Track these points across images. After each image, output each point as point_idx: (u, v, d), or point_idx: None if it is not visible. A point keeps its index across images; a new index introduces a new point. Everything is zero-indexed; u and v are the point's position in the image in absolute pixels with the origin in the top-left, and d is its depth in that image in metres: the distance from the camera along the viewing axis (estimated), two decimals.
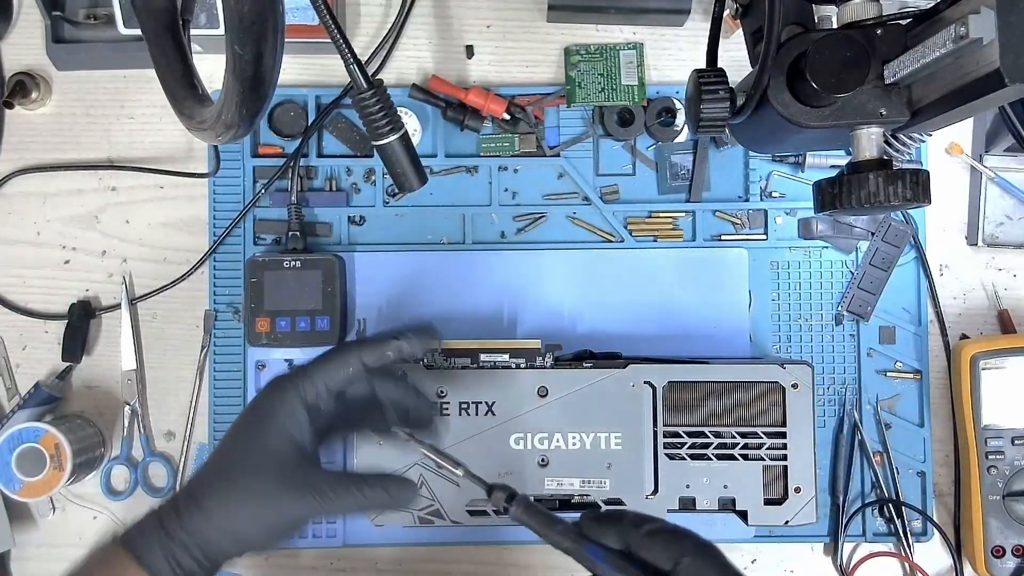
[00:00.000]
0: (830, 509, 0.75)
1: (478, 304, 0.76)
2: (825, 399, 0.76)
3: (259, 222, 0.77)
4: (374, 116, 0.58)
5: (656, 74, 0.78)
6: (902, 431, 0.76)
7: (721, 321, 0.76)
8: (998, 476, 0.72)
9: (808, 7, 0.52)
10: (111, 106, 0.78)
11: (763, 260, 0.77)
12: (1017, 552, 0.72)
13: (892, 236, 0.76)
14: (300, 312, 0.73)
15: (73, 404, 0.77)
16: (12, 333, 0.77)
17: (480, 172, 0.77)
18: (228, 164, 0.77)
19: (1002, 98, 0.43)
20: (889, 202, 0.48)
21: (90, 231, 0.78)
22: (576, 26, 0.78)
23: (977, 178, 0.77)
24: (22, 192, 0.78)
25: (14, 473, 0.71)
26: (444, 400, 0.69)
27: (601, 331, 0.76)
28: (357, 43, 0.78)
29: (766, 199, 0.77)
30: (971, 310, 0.77)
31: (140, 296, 0.77)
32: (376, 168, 0.77)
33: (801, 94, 0.49)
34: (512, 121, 0.76)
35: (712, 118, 0.53)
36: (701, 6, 0.77)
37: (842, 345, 0.77)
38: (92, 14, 0.76)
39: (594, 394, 0.69)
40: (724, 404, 0.70)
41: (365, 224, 0.77)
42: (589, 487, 0.69)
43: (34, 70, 0.77)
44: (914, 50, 0.46)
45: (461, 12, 0.78)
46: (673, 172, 0.77)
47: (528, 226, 0.77)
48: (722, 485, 0.69)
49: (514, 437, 0.69)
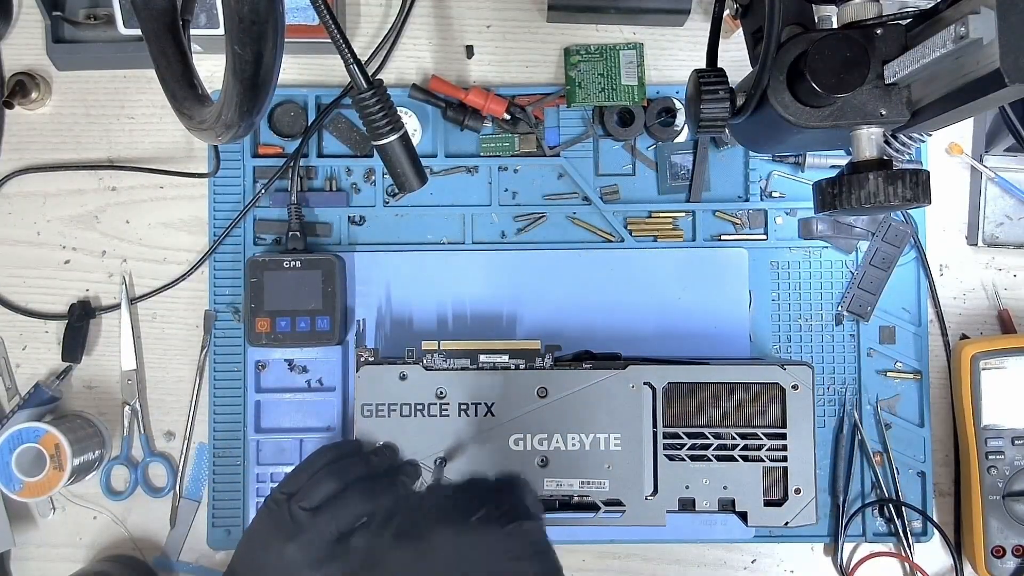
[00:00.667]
0: (830, 509, 0.75)
1: (477, 304, 0.76)
2: (825, 399, 0.76)
3: (259, 222, 0.77)
4: (374, 116, 0.58)
5: (656, 74, 0.78)
6: (902, 431, 0.76)
7: (721, 321, 0.76)
8: (998, 476, 0.72)
9: (808, 7, 0.52)
10: (111, 106, 0.78)
11: (763, 260, 0.77)
12: (1017, 552, 0.72)
13: (892, 236, 0.76)
14: (300, 312, 0.73)
15: (73, 404, 0.77)
16: (12, 333, 0.77)
17: (480, 172, 0.77)
18: (228, 164, 0.77)
19: (1002, 98, 0.43)
20: (889, 202, 0.48)
21: (90, 231, 0.78)
22: (576, 26, 0.78)
23: (977, 178, 0.77)
24: (22, 192, 0.78)
25: (14, 473, 0.71)
26: (444, 400, 0.69)
27: (601, 331, 0.76)
28: (357, 43, 0.78)
29: (766, 199, 0.77)
30: (971, 310, 0.77)
31: (140, 296, 0.77)
32: (376, 168, 0.77)
33: (801, 94, 0.49)
34: (512, 121, 0.76)
35: (712, 118, 0.53)
36: (701, 6, 0.77)
37: (842, 345, 0.76)
38: (92, 14, 0.76)
39: (593, 395, 0.69)
40: (724, 405, 0.70)
41: (365, 224, 0.77)
42: (589, 488, 0.69)
43: (34, 70, 0.77)
44: (914, 50, 0.46)
45: (461, 12, 0.78)
46: (673, 172, 0.77)
47: (528, 226, 0.77)
48: (722, 486, 0.69)
49: (514, 438, 0.69)
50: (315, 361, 0.75)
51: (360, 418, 0.69)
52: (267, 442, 0.75)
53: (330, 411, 0.75)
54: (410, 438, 0.69)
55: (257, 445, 0.75)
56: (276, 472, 0.75)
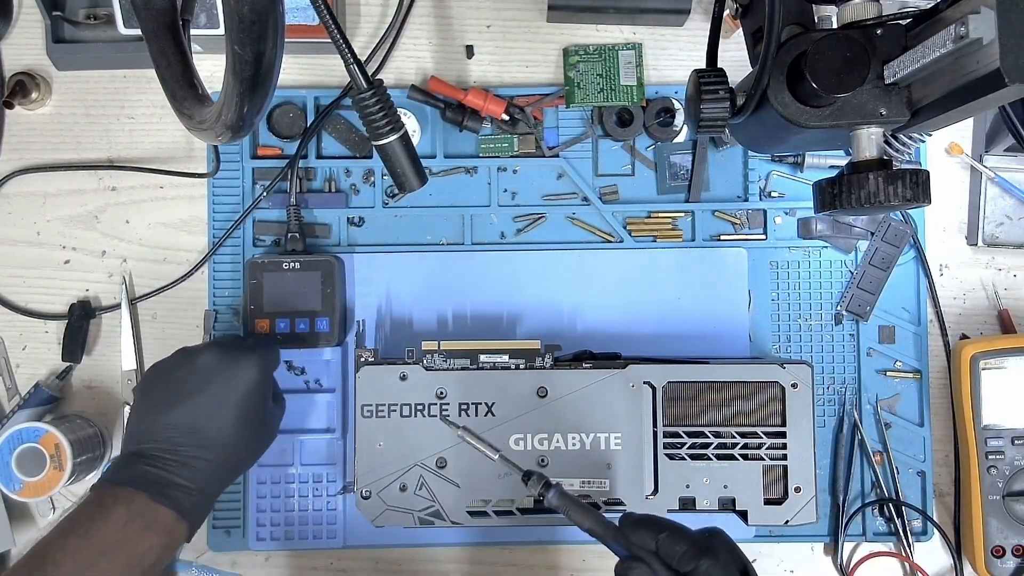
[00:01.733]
0: (830, 509, 0.75)
1: (477, 305, 0.76)
2: (825, 399, 0.76)
3: (258, 223, 0.77)
4: (374, 116, 0.58)
5: (655, 74, 0.78)
6: (902, 431, 0.76)
7: (720, 321, 0.76)
8: (998, 476, 0.72)
9: (808, 7, 0.52)
10: (111, 106, 0.78)
11: (762, 260, 0.77)
12: (1017, 552, 0.72)
13: (892, 236, 0.76)
14: (299, 313, 0.73)
15: (73, 404, 0.77)
16: (12, 333, 0.77)
17: (479, 173, 0.77)
18: (228, 165, 0.77)
19: (1002, 98, 0.43)
20: (889, 202, 0.48)
21: (90, 231, 0.77)
22: (576, 26, 0.78)
23: (977, 178, 0.77)
24: (22, 192, 0.78)
25: (14, 473, 0.71)
26: (444, 401, 0.69)
27: (600, 331, 0.76)
28: (357, 43, 0.78)
29: (765, 199, 0.77)
30: (971, 310, 0.77)
31: (140, 296, 0.77)
32: (375, 169, 0.77)
33: (801, 94, 0.49)
34: (511, 122, 0.76)
35: (712, 118, 0.53)
36: (701, 6, 0.77)
37: (842, 345, 0.77)
38: (92, 14, 0.76)
39: (594, 394, 0.69)
40: (724, 404, 0.70)
41: (364, 225, 0.77)
42: (589, 487, 0.69)
43: (34, 70, 0.77)
44: (914, 50, 0.46)
45: (461, 12, 0.78)
46: (672, 172, 0.77)
47: (527, 226, 0.77)
48: (722, 485, 0.69)
49: (514, 438, 0.69)
50: (314, 362, 0.75)
51: (360, 418, 0.69)
52: None
53: (329, 412, 0.75)
54: (410, 438, 0.69)
55: None
56: (276, 473, 0.75)
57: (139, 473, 0.60)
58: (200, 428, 0.62)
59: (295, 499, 0.75)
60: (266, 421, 0.67)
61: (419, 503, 0.69)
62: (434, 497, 0.69)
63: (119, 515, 0.58)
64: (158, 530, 0.58)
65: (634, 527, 0.56)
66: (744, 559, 0.55)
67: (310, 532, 0.75)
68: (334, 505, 0.75)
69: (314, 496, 0.75)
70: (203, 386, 0.62)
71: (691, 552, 0.53)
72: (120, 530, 0.57)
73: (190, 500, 0.60)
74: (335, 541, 0.75)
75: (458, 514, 0.69)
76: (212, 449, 0.62)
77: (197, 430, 0.61)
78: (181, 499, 0.59)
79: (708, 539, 0.55)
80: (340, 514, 0.75)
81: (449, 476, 0.69)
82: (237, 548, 0.75)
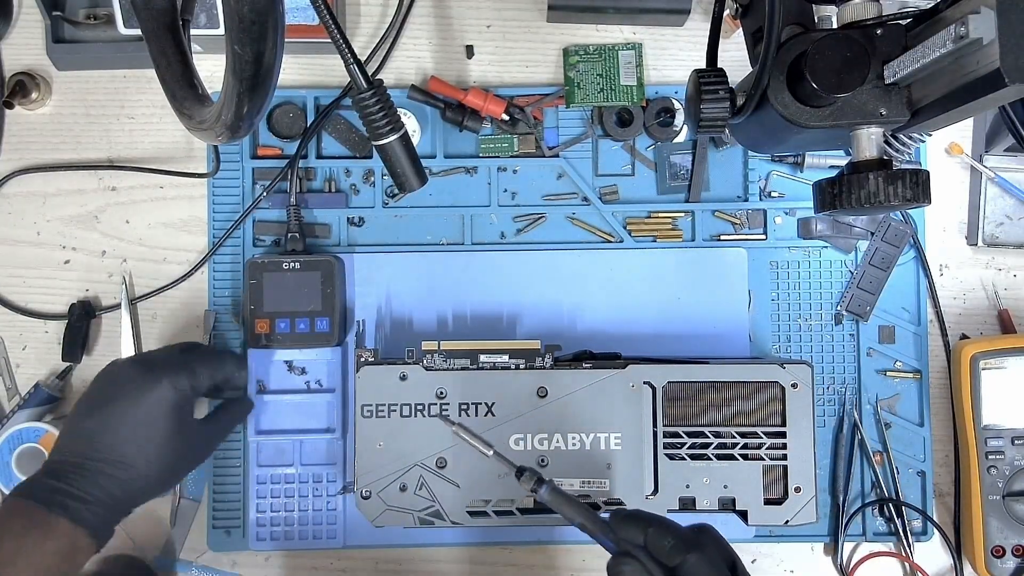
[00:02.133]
0: (830, 509, 0.75)
1: (477, 305, 0.76)
2: (825, 399, 0.76)
3: (258, 223, 0.77)
4: (374, 116, 0.58)
5: (655, 74, 0.78)
6: (902, 431, 0.76)
7: (720, 321, 0.76)
8: (998, 476, 0.72)
9: (808, 7, 0.52)
10: (111, 106, 0.78)
11: (762, 260, 0.77)
12: (1017, 552, 0.72)
13: (892, 236, 0.76)
14: (300, 313, 0.73)
15: (73, 404, 0.77)
16: (12, 333, 0.77)
17: (479, 173, 0.77)
18: (227, 165, 0.77)
19: (1002, 98, 0.43)
20: (889, 202, 0.48)
21: (90, 231, 0.78)
22: (576, 26, 0.78)
23: (977, 178, 0.77)
24: (22, 192, 0.78)
25: (14, 473, 0.71)
26: (444, 401, 0.69)
27: (600, 331, 0.76)
28: (357, 43, 0.78)
29: (765, 199, 0.77)
30: (971, 310, 0.77)
31: (140, 296, 0.77)
32: (375, 169, 0.77)
33: (801, 94, 0.49)
34: (511, 122, 0.76)
35: (712, 118, 0.53)
36: (701, 6, 0.77)
37: (842, 345, 0.77)
38: (92, 14, 0.76)
39: (594, 394, 0.69)
40: (724, 404, 0.70)
41: (364, 225, 0.77)
42: (589, 487, 0.69)
43: (34, 70, 0.77)
44: (914, 50, 0.46)
45: (461, 12, 0.78)
46: (672, 172, 0.77)
47: (527, 226, 0.77)
48: (722, 485, 0.69)
49: (514, 438, 0.69)
50: (314, 362, 0.75)
51: (360, 418, 0.69)
52: (266, 443, 0.75)
53: (329, 412, 0.75)
54: (410, 438, 0.69)
55: (257, 446, 0.75)
56: (276, 473, 0.75)
57: (39, 486, 0.60)
58: (110, 442, 0.61)
59: (295, 499, 0.75)
60: (191, 441, 0.66)
61: (419, 503, 0.69)
62: (434, 497, 0.69)
63: (18, 527, 0.57)
64: (56, 540, 0.58)
65: (622, 522, 0.56)
66: (733, 554, 0.55)
67: (310, 532, 0.75)
68: (334, 505, 0.75)
69: (314, 496, 0.75)
70: (116, 400, 0.63)
71: (679, 546, 0.53)
72: (18, 540, 0.57)
73: (89, 510, 0.59)
74: (335, 541, 0.75)
75: (458, 514, 0.69)
76: (121, 464, 0.61)
77: (108, 443, 0.61)
78: (78, 509, 0.59)
79: (696, 534, 0.55)
80: (340, 514, 0.75)
81: (449, 476, 0.69)
82: (237, 548, 0.75)
